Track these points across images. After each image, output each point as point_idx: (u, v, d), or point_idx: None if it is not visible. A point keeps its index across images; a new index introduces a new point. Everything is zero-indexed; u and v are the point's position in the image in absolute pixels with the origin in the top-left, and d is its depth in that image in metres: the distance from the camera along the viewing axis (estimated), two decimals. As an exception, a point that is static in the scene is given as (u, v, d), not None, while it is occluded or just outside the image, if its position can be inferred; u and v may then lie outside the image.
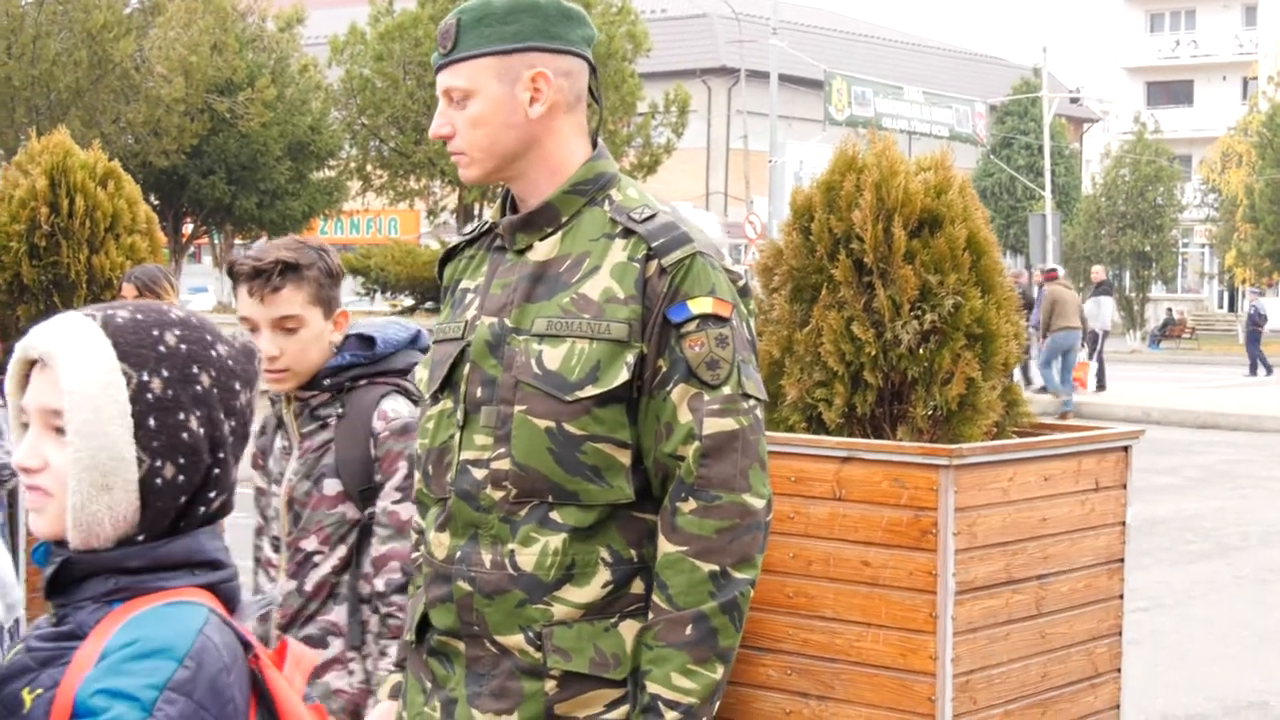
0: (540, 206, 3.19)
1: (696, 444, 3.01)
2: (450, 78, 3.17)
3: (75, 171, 8.35)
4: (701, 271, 3.09)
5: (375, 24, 32.11)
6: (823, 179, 5.79)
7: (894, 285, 5.49)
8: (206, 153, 31.68)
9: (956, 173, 5.79)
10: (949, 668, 5.18)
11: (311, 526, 3.89)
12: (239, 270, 3.84)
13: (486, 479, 3.11)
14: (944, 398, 5.50)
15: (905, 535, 5.20)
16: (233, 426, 2.14)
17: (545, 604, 3.08)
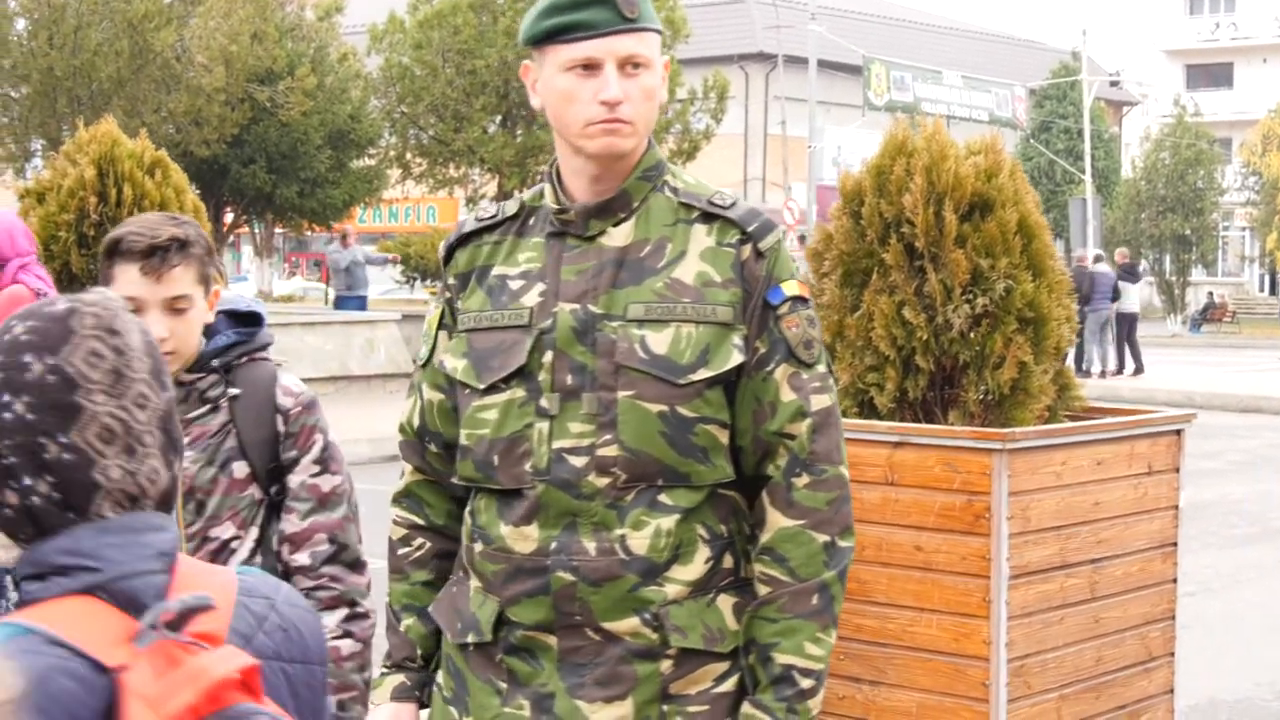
0: (618, 193, 3.17)
1: (809, 420, 3.09)
2: (636, 44, 3.11)
3: (123, 161, 8.37)
4: (786, 255, 3.18)
5: (414, 12, 32.11)
6: (873, 163, 5.76)
7: (945, 269, 5.47)
8: (247, 142, 31.74)
9: (1006, 156, 5.76)
10: (1003, 652, 5.17)
11: (224, 513, 3.74)
12: (129, 246, 3.57)
13: (589, 466, 3.09)
14: (996, 382, 5.48)
15: (958, 520, 5.19)
16: (28, 401, 1.98)
17: (659, 585, 3.08)
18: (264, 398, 3.79)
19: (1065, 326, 5.64)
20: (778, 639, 3.06)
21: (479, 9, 30.66)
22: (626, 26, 3.10)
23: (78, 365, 1.99)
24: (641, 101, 3.12)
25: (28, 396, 1.98)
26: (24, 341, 2.00)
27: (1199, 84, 72.93)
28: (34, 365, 1.99)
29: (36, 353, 2.00)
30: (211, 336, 3.77)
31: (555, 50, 3.15)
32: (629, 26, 3.10)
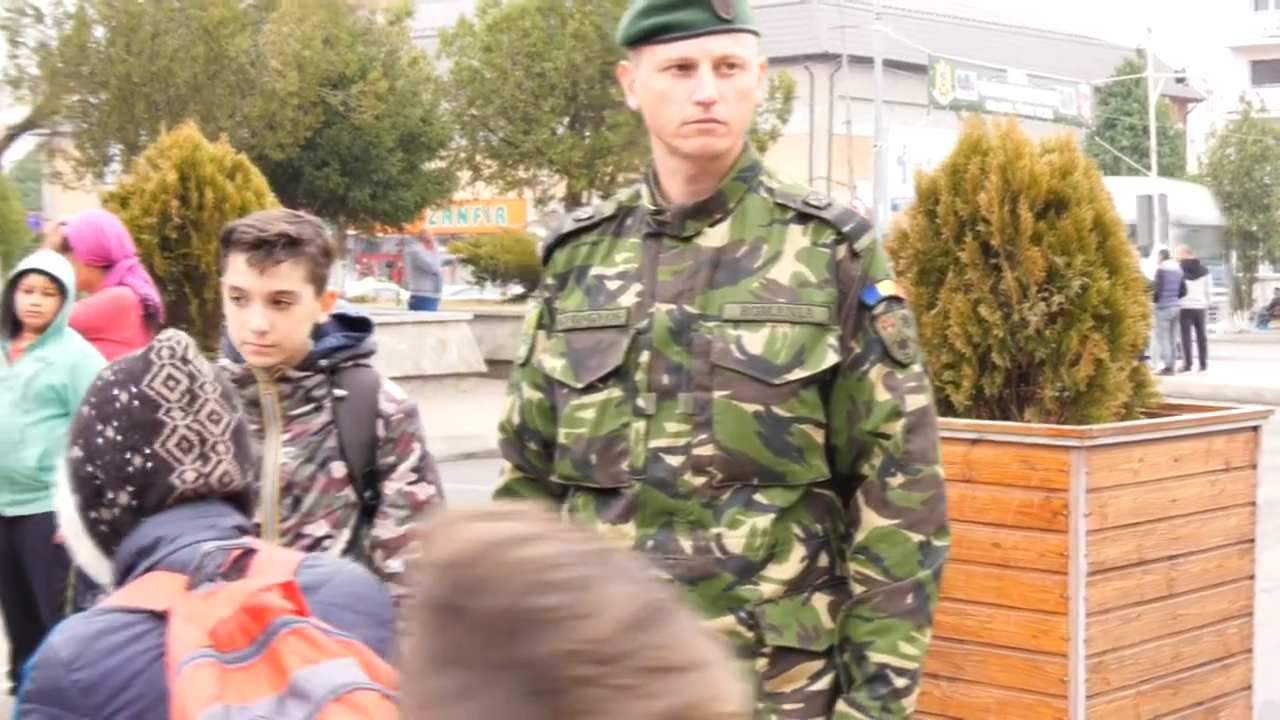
0: (714, 194, 3.17)
1: (904, 420, 3.09)
2: (732, 45, 3.11)
3: (204, 165, 8.45)
4: (881, 255, 3.18)
5: (483, 15, 32.18)
6: (948, 161, 5.75)
7: (1021, 267, 5.45)
8: (320, 145, 31.87)
9: (1080, 155, 5.72)
10: (1081, 649, 5.14)
11: (319, 511, 3.77)
12: (240, 238, 3.64)
13: (685, 465, 3.10)
14: (1072, 379, 5.46)
15: (1036, 517, 5.16)
16: (116, 426, 2.26)
17: (754, 583, 3.09)
18: (367, 402, 3.83)
19: (1141, 323, 5.61)
20: (872, 638, 3.06)
21: (547, 12, 30.71)
22: (722, 27, 3.10)
23: (158, 388, 2.27)
24: (736, 102, 3.12)
25: (116, 421, 2.26)
26: (112, 380, 2.31)
27: (1264, 80, 72.21)
28: (120, 395, 2.28)
29: (122, 385, 2.29)
30: (321, 338, 3.79)
31: (651, 50, 3.14)
32: (724, 27, 3.10)
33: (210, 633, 2.02)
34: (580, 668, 1.27)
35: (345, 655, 2.05)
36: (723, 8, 3.09)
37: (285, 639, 2.03)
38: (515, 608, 1.30)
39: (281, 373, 3.75)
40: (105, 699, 2.07)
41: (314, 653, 2.03)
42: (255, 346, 3.68)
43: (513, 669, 1.29)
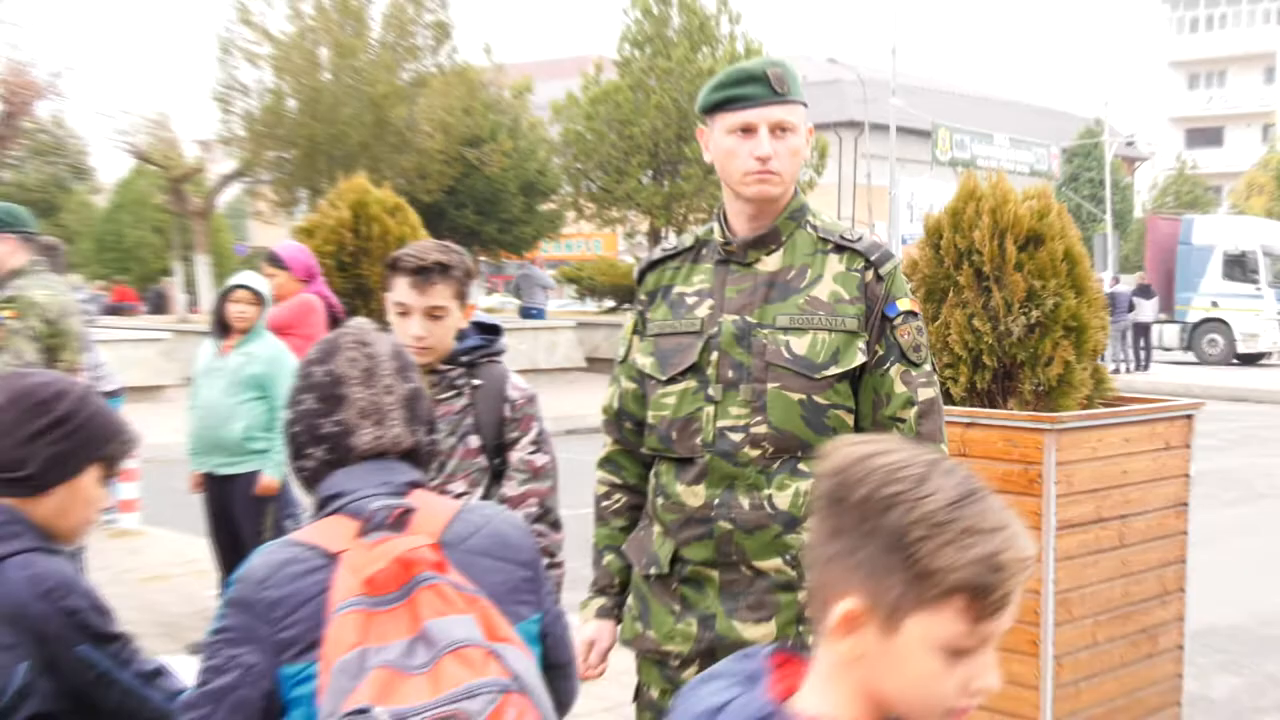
0: (770, 229, 3.19)
1: (916, 408, 3.11)
2: (786, 113, 3.13)
3: (372, 205, 8.51)
4: (901, 278, 3.19)
5: (586, 91, 32.19)
6: (950, 205, 5.72)
7: (1006, 289, 5.42)
8: (460, 191, 31.99)
9: (1054, 201, 5.68)
10: (1051, 586, 5.11)
11: (459, 474, 3.77)
12: (403, 265, 3.69)
13: (744, 440, 3.12)
14: (1046, 377, 5.44)
15: (1016, 483, 5.14)
16: (313, 396, 2.28)
17: (797, 533, 3.09)
18: (497, 390, 3.84)
19: (1101, 333, 5.57)
20: None
21: (635, 89, 30.68)
22: (777, 99, 3.12)
23: (343, 368, 2.30)
24: (788, 157, 3.14)
25: (313, 393, 2.30)
26: (312, 359, 2.34)
27: (1196, 144, 71.39)
28: (316, 372, 2.31)
29: (318, 364, 2.32)
30: (462, 339, 3.82)
31: (722, 117, 3.17)
32: (778, 100, 3.13)
33: (367, 580, 2.01)
34: (920, 530, 1.62)
35: (469, 612, 2.02)
36: (778, 85, 3.13)
37: (424, 592, 2.01)
38: (876, 495, 1.64)
39: (431, 366, 3.77)
40: (284, 614, 2.07)
41: (444, 607, 2.01)
42: (415, 350, 3.70)
43: (877, 534, 1.64)
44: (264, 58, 29.10)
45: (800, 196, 3.25)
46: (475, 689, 1.91)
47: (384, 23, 29.51)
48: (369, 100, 27.96)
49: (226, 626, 2.10)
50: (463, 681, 1.91)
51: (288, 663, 2.06)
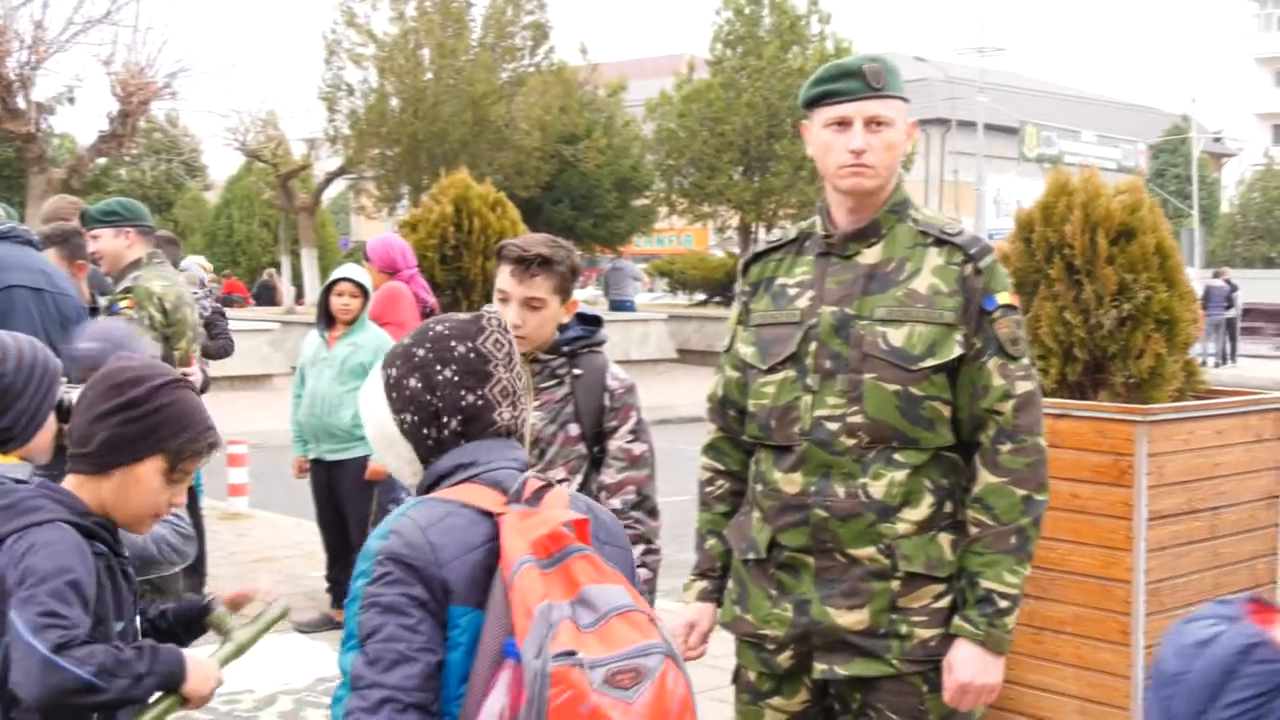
0: (870, 222, 3.16)
1: (1012, 400, 3.05)
2: (880, 108, 3.09)
3: (473, 200, 8.52)
4: (1000, 271, 3.13)
5: (679, 90, 32.17)
6: (1040, 200, 5.63)
7: (1098, 282, 5.34)
8: (556, 187, 32.06)
9: (1146, 195, 5.58)
10: (1142, 577, 5.03)
11: (559, 460, 3.78)
12: (507, 254, 3.73)
13: (841, 430, 3.09)
14: (1137, 369, 5.35)
15: (1107, 474, 5.06)
16: (454, 369, 2.28)
17: (891, 522, 3.07)
18: (597, 379, 3.84)
19: (1192, 327, 5.46)
20: (983, 569, 3.03)
21: (726, 87, 30.60)
22: (872, 94, 3.08)
23: (489, 347, 2.31)
24: (883, 151, 3.10)
25: (455, 366, 2.29)
26: (447, 334, 2.32)
27: (1284, 140, 70.14)
28: (459, 347, 2.29)
29: (460, 340, 2.31)
30: (564, 330, 3.82)
31: (820, 111, 3.15)
32: (873, 94, 3.09)
33: (532, 544, 2.07)
34: None
35: (619, 582, 2.11)
36: (874, 79, 3.09)
37: (577, 561, 2.08)
38: None
39: (534, 355, 3.78)
40: (449, 558, 2.09)
41: (598, 575, 2.08)
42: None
43: None
44: (368, 58, 29.38)
45: (902, 190, 3.21)
46: (647, 649, 2.03)
47: (484, 24, 29.66)
48: (469, 99, 28.10)
49: (388, 573, 2.09)
50: (635, 641, 2.02)
51: (454, 605, 2.09)
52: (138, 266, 6.16)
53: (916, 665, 3.09)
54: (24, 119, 18.90)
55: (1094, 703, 5.14)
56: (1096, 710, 5.15)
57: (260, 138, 30.38)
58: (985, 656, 3.04)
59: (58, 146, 33.95)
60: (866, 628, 3.09)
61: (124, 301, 6.00)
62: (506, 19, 29.68)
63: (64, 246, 6.13)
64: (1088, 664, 5.16)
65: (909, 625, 3.08)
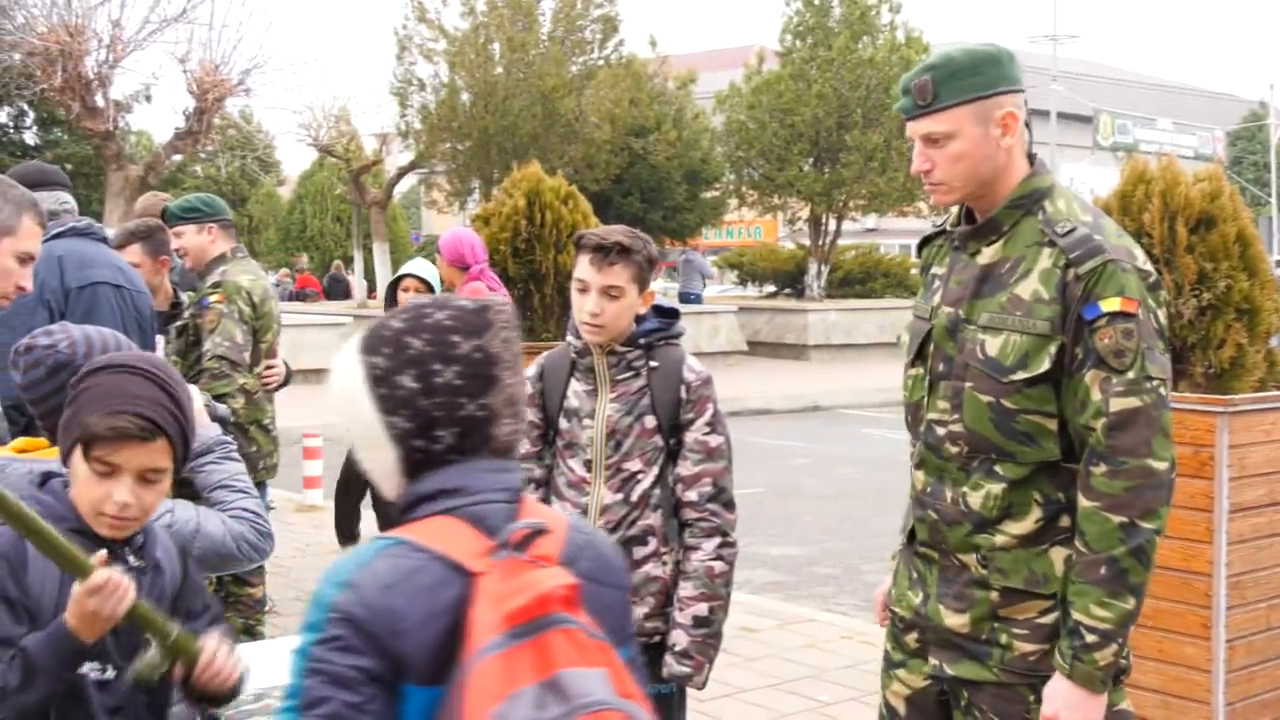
0: (986, 220, 3.05)
1: (1104, 419, 2.85)
2: (931, 124, 2.99)
3: (545, 194, 8.56)
4: (1112, 276, 2.88)
5: (748, 81, 32.02)
6: (1117, 189, 5.57)
7: (1177, 271, 5.27)
8: (626, 179, 32.04)
9: (1226, 183, 5.50)
10: (1223, 570, 4.97)
11: (635, 452, 3.77)
12: (586, 243, 3.73)
13: (946, 437, 3.06)
14: (1218, 359, 5.28)
15: (1187, 466, 4.97)
16: (457, 370, 1.94)
17: (989, 534, 3.01)
18: (674, 371, 3.83)
19: (1274, 316, 5.39)
20: (1073, 598, 2.89)
21: (796, 78, 30.42)
22: (920, 112, 3.00)
23: (497, 348, 1.98)
24: (948, 165, 3.00)
25: (458, 367, 1.95)
26: (449, 325, 1.97)
27: (1366, 125, 68.84)
28: (462, 345, 1.96)
29: (464, 335, 1.97)
30: (641, 322, 3.83)
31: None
32: (923, 111, 3.00)
33: (505, 617, 1.79)
34: None
35: (602, 665, 1.81)
36: (920, 96, 2.99)
37: (556, 635, 1.79)
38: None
39: (610, 346, 3.79)
40: (410, 627, 1.82)
41: (579, 656, 1.79)
42: (589, 326, 3.75)
43: None
44: (440, 53, 29.53)
45: (1036, 180, 3.03)
46: None
47: (554, 18, 29.74)
48: (539, 93, 28.18)
49: (338, 636, 1.82)
50: None
51: (408, 683, 1.83)
52: (222, 261, 6.21)
53: (1018, 676, 3.01)
54: (102, 117, 19.16)
55: (1175, 696, 5.08)
56: (1178, 704, 5.09)
57: (333, 133, 30.61)
58: (1074, 691, 2.88)
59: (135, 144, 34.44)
60: (969, 631, 3.05)
61: (214, 296, 6.07)
62: (576, 12, 29.73)
63: (148, 242, 6.20)
64: (1169, 658, 5.10)
65: (1009, 636, 3.01)
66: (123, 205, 17.88)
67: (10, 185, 3.45)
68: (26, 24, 19.01)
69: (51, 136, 31.99)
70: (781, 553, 9.95)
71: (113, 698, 2.53)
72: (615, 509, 3.78)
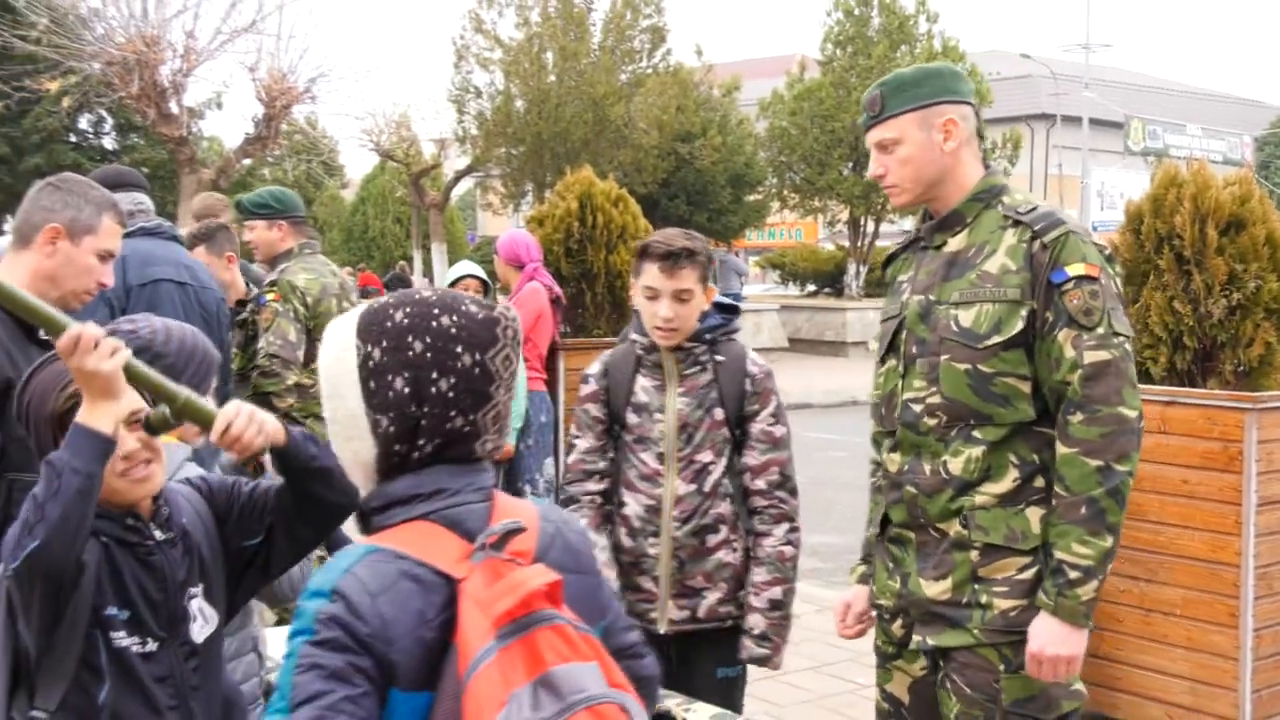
0: (950, 213, 3.17)
1: (1080, 371, 2.94)
2: (881, 132, 3.17)
3: (596, 196, 8.53)
4: (1074, 245, 3.01)
5: (790, 89, 31.97)
6: (1150, 192, 5.52)
7: (1207, 272, 5.22)
8: (673, 183, 32.05)
9: (1256, 187, 5.43)
10: (1251, 561, 4.91)
11: (705, 443, 3.76)
12: (653, 251, 3.70)
13: (923, 411, 3.12)
14: (1246, 357, 5.24)
15: (1217, 460, 4.94)
16: (451, 383, 1.85)
17: (970, 495, 3.06)
18: (739, 365, 3.85)
19: (1303, 315, 5.31)
20: (1056, 540, 2.96)
21: (837, 86, 30.36)
22: (874, 122, 3.19)
23: (497, 365, 1.89)
24: (898, 167, 3.17)
25: (453, 379, 1.86)
26: (454, 334, 1.88)
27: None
28: (464, 357, 1.87)
29: (467, 346, 1.87)
30: (703, 319, 3.82)
31: None
32: (875, 121, 3.19)
33: (495, 621, 1.71)
34: None
35: (591, 659, 1.75)
36: (870, 108, 3.20)
37: (545, 632, 1.72)
38: None
39: (677, 343, 3.79)
40: (399, 634, 1.75)
41: (568, 651, 1.73)
42: (664, 332, 3.75)
43: None
44: (495, 62, 29.66)
45: (991, 178, 3.18)
46: None
47: (604, 28, 29.77)
48: (590, 100, 28.23)
49: (334, 637, 1.73)
50: None
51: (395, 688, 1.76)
52: (289, 257, 6.20)
53: (997, 635, 3.04)
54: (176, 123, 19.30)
55: (1203, 683, 5.03)
56: (1206, 691, 5.04)
57: (393, 139, 30.79)
58: (1058, 626, 2.94)
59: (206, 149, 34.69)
60: (950, 598, 3.09)
61: (270, 294, 6.04)
62: (626, 23, 29.75)
63: (210, 243, 6.22)
64: (1197, 645, 5.06)
65: (989, 595, 3.05)
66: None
67: (91, 186, 3.48)
68: (106, 35, 19.18)
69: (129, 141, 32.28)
70: (821, 540, 9.91)
71: (159, 667, 2.50)
72: (689, 499, 3.76)
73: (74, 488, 2.27)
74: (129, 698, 2.46)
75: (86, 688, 2.42)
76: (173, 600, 2.53)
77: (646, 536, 3.78)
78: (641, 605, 3.80)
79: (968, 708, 3.07)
